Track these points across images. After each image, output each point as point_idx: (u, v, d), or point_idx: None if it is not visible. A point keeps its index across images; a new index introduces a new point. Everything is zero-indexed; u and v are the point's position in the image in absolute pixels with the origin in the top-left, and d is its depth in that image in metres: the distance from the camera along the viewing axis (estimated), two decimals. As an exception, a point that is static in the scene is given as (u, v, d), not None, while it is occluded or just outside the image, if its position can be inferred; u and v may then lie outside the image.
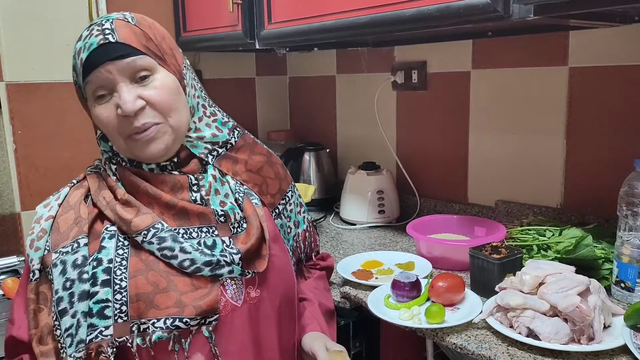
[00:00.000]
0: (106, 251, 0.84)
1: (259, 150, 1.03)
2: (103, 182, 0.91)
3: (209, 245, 0.88)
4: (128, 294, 0.82)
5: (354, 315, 1.34)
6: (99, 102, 0.86)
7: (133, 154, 0.89)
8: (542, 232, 1.36)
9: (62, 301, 0.83)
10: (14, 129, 1.72)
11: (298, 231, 1.08)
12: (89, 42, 0.85)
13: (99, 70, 0.84)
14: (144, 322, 0.82)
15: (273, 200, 1.02)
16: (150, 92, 0.86)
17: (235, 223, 0.93)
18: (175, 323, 0.82)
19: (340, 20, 1.36)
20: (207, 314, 0.84)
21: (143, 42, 0.86)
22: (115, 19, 0.87)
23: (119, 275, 0.83)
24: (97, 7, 1.81)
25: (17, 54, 1.71)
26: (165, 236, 0.85)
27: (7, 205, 1.71)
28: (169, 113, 0.87)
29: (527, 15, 1.03)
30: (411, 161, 1.93)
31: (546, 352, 0.96)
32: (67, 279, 0.83)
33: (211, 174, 0.94)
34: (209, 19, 1.77)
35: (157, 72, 0.87)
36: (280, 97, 2.43)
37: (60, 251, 0.86)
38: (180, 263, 0.85)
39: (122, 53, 0.84)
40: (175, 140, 0.89)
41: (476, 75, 1.71)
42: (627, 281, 1.13)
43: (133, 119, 0.85)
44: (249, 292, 0.91)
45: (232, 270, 0.88)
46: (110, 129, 0.86)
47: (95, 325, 0.80)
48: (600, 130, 1.45)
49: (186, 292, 0.84)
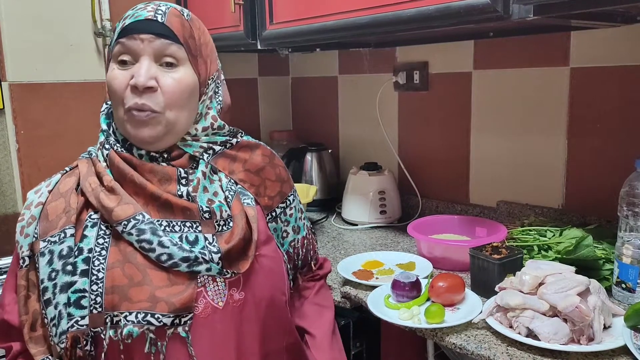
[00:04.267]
0: (87, 240, 0.84)
1: (262, 151, 1.02)
2: (92, 167, 0.91)
3: (191, 241, 0.87)
4: (104, 285, 0.82)
5: (354, 315, 1.34)
6: (119, 67, 0.88)
7: (126, 130, 0.89)
8: (543, 233, 1.36)
9: (46, 291, 0.83)
10: (16, 129, 1.73)
11: (297, 237, 1.05)
12: (138, 12, 0.88)
13: (134, 36, 0.86)
14: (117, 315, 0.81)
15: (271, 202, 1.00)
16: (168, 81, 0.87)
17: (221, 221, 0.91)
18: (147, 318, 0.81)
19: (341, 21, 1.36)
20: (181, 312, 0.83)
21: (185, 36, 0.89)
22: (173, 7, 0.91)
23: (97, 265, 0.83)
24: (100, 8, 1.82)
25: (20, 54, 1.72)
26: (145, 228, 0.84)
27: (9, 205, 1.72)
28: (172, 107, 0.88)
29: (526, 15, 1.03)
30: (413, 162, 1.93)
31: (545, 353, 0.96)
32: (53, 269, 0.84)
33: (201, 170, 0.92)
34: (210, 19, 1.78)
35: (183, 65, 0.89)
36: (283, 97, 2.44)
37: (49, 240, 0.86)
38: (157, 257, 0.84)
39: (161, 32, 0.87)
40: (167, 134, 0.89)
41: (478, 76, 1.71)
42: (628, 282, 1.12)
43: (139, 94, 0.86)
44: (232, 294, 0.88)
45: (210, 268, 0.86)
46: (117, 95, 0.88)
47: (72, 315, 0.81)
48: (601, 131, 1.45)
49: (161, 287, 0.83)
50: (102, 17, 1.83)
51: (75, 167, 0.95)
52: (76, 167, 0.94)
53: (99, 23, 1.83)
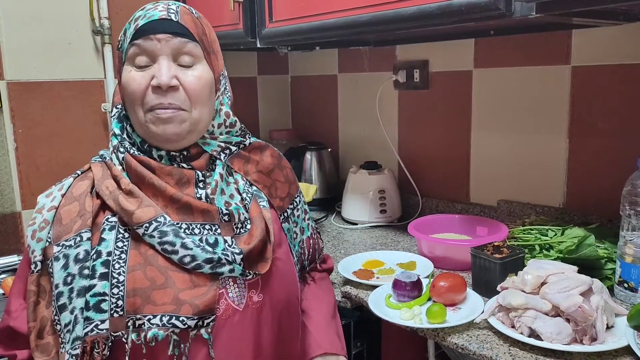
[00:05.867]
0: (106, 243, 0.83)
1: (271, 152, 1.04)
2: (107, 171, 0.90)
3: (211, 243, 0.87)
4: (125, 288, 0.81)
5: (355, 315, 1.34)
6: (136, 69, 0.87)
7: (147, 130, 0.88)
8: (545, 232, 1.36)
9: (61, 296, 0.82)
10: (14, 128, 1.72)
11: (303, 238, 1.07)
12: (151, 13, 0.88)
13: (150, 37, 0.86)
14: (140, 318, 0.81)
15: (282, 203, 1.01)
16: (189, 78, 0.88)
17: (239, 223, 0.91)
18: (172, 321, 0.81)
19: (341, 19, 1.36)
20: (205, 314, 0.83)
21: (199, 33, 0.90)
22: (182, 5, 0.92)
23: (117, 268, 0.82)
24: (99, 6, 1.81)
25: (18, 53, 1.71)
26: (167, 230, 0.84)
27: (7, 204, 1.71)
28: (196, 104, 0.88)
29: (529, 13, 1.03)
30: (413, 161, 1.92)
31: (548, 353, 0.96)
32: (69, 274, 0.83)
33: (219, 172, 0.93)
34: (210, 17, 1.75)
35: (200, 62, 0.90)
36: (282, 96, 2.43)
37: (63, 244, 0.85)
38: (180, 259, 0.84)
39: (178, 31, 0.87)
40: (190, 132, 0.89)
41: (478, 75, 1.70)
42: (630, 281, 1.12)
43: (162, 93, 0.86)
44: (252, 296, 0.89)
45: (233, 270, 0.86)
46: (137, 96, 0.87)
47: (91, 319, 0.79)
48: (603, 129, 1.44)
49: (184, 289, 0.83)
50: (101, 15, 1.82)
51: (87, 171, 0.94)
52: (88, 171, 0.94)
53: (97, 21, 1.82)
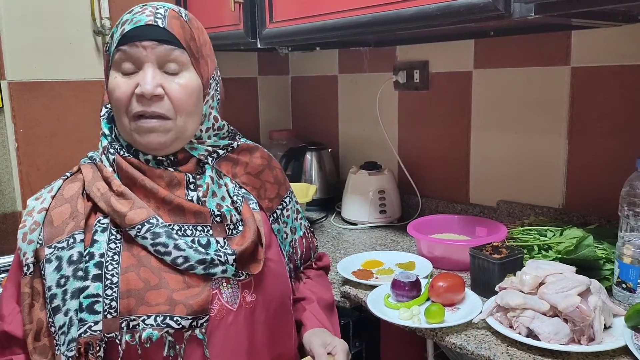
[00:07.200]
0: (98, 245, 0.83)
1: (260, 154, 1.03)
2: (98, 173, 0.90)
3: (204, 244, 0.87)
4: (119, 289, 0.81)
5: (354, 315, 1.34)
6: (122, 75, 0.87)
7: (132, 138, 0.88)
8: (543, 233, 1.36)
9: (55, 298, 0.82)
10: (15, 128, 1.72)
11: (295, 237, 1.07)
12: (137, 17, 0.86)
13: (136, 44, 0.85)
14: (134, 319, 0.81)
15: (271, 204, 1.01)
16: (174, 87, 0.86)
17: (231, 225, 0.92)
18: (166, 321, 0.81)
19: (341, 20, 1.36)
20: (199, 314, 0.83)
21: (187, 39, 0.88)
22: (171, 9, 0.89)
23: (110, 270, 0.82)
24: (100, 6, 1.82)
25: (19, 53, 1.71)
26: (160, 232, 0.84)
27: (8, 204, 1.72)
28: (181, 113, 0.87)
29: (528, 14, 1.03)
30: (413, 161, 1.92)
31: (546, 353, 0.96)
32: (62, 275, 0.82)
33: (209, 175, 0.93)
34: (210, 18, 1.77)
35: (186, 70, 0.88)
36: (283, 96, 2.43)
37: (55, 246, 0.84)
38: (173, 260, 0.84)
39: (164, 38, 0.85)
40: (175, 140, 0.89)
41: (478, 75, 1.70)
42: (629, 282, 1.12)
43: (147, 102, 0.85)
44: (245, 296, 0.89)
45: (226, 270, 0.87)
46: (121, 103, 0.86)
47: (85, 320, 0.79)
48: (602, 130, 1.44)
49: (178, 289, 0.83)
50: (102, 16, 1.82)
51: (76, 172, 0.93)
52: (78, 172, 0.93)
53: (98, 21, 1.82)
